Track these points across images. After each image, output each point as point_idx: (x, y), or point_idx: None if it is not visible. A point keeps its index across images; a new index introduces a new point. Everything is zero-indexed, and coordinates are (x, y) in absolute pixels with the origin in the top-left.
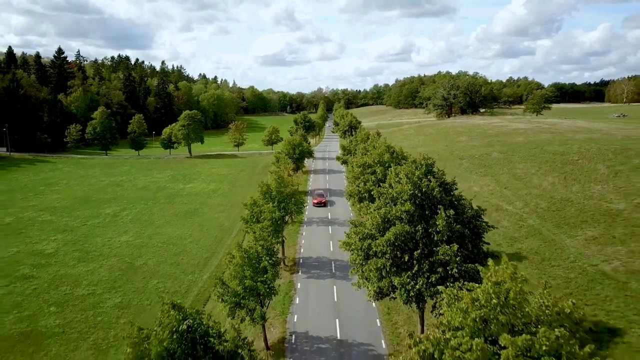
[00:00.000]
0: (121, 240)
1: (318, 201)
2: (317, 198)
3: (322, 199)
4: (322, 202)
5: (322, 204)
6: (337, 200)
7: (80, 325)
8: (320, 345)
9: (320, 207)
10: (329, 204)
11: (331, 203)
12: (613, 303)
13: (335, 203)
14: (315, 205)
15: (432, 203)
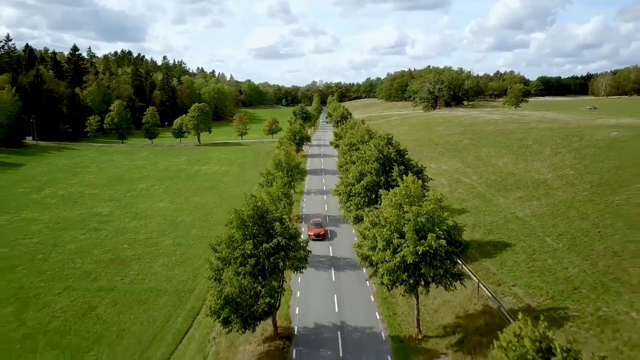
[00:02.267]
0: (160, 206)
1: (315, 233)
2: (314, 229)
3: (320, 230)
4: (320, 234)
5: (320, 237)
6: (332, 179)
7: (149, 255)
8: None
9: (318, 240)
10: (325, 196)
11: (328, 185)
12: (514, 232)
13: (331, 181)
14: (311, 237)
15: (390, 162)
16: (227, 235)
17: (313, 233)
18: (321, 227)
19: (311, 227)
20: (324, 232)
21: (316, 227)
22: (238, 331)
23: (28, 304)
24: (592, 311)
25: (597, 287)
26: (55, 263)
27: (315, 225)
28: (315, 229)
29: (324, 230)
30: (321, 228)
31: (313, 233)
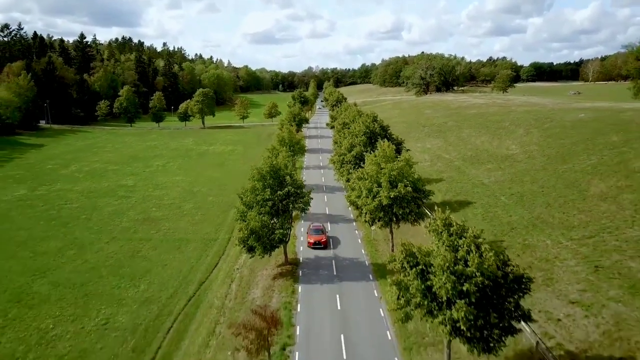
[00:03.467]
0: (177, 179)
1: (316, 240)
2: (314, 236)
3: (320, 237)
4: (321, 242)
5: (321, 245)
6: (328, 156)
7: (175, 216)
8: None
9: (318, 249)
10: (322, 171)
11: (324, 164)
12: (477, 194)
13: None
14: (311, 246)
15: (375, 135)
16: (250, 186)
17: (313, 240)
18: (322, 234)
19: (311, 234)
20: (325, 239)
21: (316, 233)
22: (260, 256)
23: (85, 249)
24: (520, 241)
25: (528, 227)
26: (98, 221)
27: (315, 232)
28: (315, 236)
29: (325, 238)
30: (322, 235)
31: (313, 240)
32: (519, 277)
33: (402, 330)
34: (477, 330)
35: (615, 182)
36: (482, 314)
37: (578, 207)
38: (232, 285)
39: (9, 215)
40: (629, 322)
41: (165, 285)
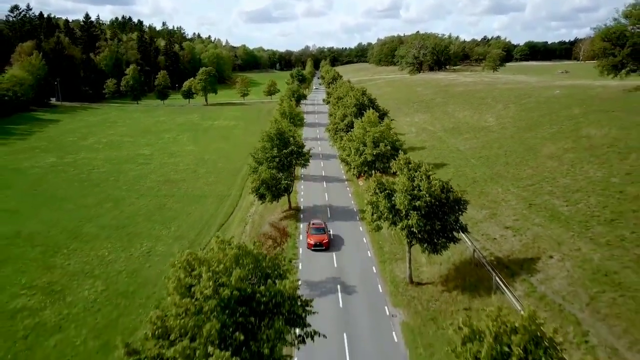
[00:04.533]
0: (188, 149)
1: (317, 241)
2: (314, 236)
3: (322, 236)
4: (322, 243)
5: (322, 246)
6: (324, 129)
7: (191, 178)
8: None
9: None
10: (319, 142)
11: (320, 132)
12: (452, 158)
13: (323, 132)
14: (311, 248)
15: (364, 106)
16: (261, 146)
17: (314, 242)
18: (324, 233)
19: (311, 234)
20: (327, 239)
21: (317, 232)
22: (269, 202)
23: (119, 203)
24: (478, 190)
25: (487, 180)
26: (125, 182)
27: (316, 231)
28: (316, 236)
29: (327, 238)
30: (324, 234)
31: (314, 242)
32: (457, 199)
33: (379, 252)
34: (426, 234)
35: (564, 145)
36: (429, 222)
37: (529, 164)
38: (246, 227)
39: (46, 178)
40: (542, 237)
41: (192, 227)
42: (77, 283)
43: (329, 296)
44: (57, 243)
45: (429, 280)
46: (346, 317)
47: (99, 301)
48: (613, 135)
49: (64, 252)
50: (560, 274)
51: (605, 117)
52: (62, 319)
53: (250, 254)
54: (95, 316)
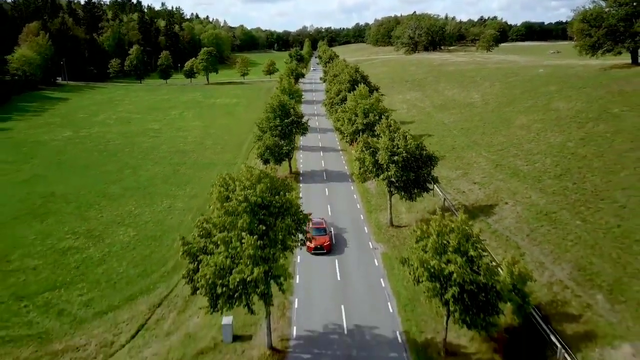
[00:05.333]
0: (194, 124)
1: (318, 244)
2: (315, 238)
3: (323, 238)
4: (323, 246)
5: (323, 249)
6: (320, 106)
7: (199, 149)
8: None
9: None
10: (316, 117)
11: (317, 104)
12: (437, 130)
13: (320, 108)
14: (311, 251)
15: (356, 82)
16: (265, 116)
17: (314, 244)
18: (325, 235)
19: (311, 235)
20: (329, 242)
21: (318, 233)
22: (273, 165)
23: (137, 169)
24: (455, 155)
25: (464, 147)
26: (139, 153)
27: (316, 232)
28: (317, 237)
29: (329, 240)
30: (325, 236)
31: (314, 244)
32: (429, 155)
33: (367, 204)
34: (402, 184)
35: (534, 117)
36: (405, 174)
37: (502, 133)
38: None
39: (66, 149)
40: (502, 190)
41: (204, 188)
42: (112, 230)
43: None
44: (88, 201)
45: (406, 224)
46: (338, 249)
47: (133, 243)
48: (578, 108)
49: (96, 207)
50: (511, 215)
51: (575, 92)
52: (104, 255)
53: (267, 175)
54: (132, 253)
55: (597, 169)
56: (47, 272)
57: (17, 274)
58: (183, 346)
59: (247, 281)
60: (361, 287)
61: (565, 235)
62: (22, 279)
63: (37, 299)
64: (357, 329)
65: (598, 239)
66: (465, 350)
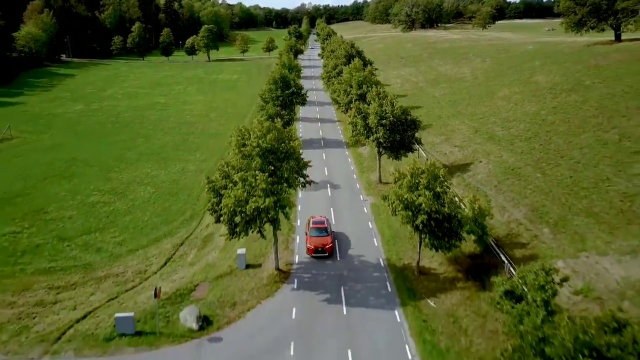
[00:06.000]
0: (198, 99)
1: (318, 246)
2: (315, 239)
3: (324, 239)
4: (324, 248)
5: (324, 252)
6: (319, 81)
7: (204, 121)
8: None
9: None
10: (314, 92)
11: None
12: (425, 102)
13: (318, 83)
14: (311, 254)
15: (352, 56)
16: (267, 88)
17: (314, 246)
18: (327, 235)
19: (311, 235)
20: (331, 244)
21: (319, 234)
22: None
23: (149, 138)
24: (440, 123)
25: (450, 117)
26: (149, 124)
27: (317, 232)
28: (317, 239)
29: (331, 241)
30: (327, 237)
31: (314, 246)
32: (414, 120)
33: (359, 166)
34: (390, 144)
35: (516, 89)
36: (392, 135)
37: (485, 104)
38: None
39: (80, 121)
40: (478, 151)
41: (213, 154)
42: (133, 188)
43: (321, 190)
44: (108, 165)
45: (394, 181)
46: (333, 200)
47: (153, 198)
48: (555, 81)
49: (116, 170)
50: (483, 171)
51: (556, 67)
52: (129, 207)
53: (275, 127)
54: (153, 206)
55: (562, 133)
56: (82, 220)
57: (55, 222)
58: (205, 272)
59: (261, 209)
60: (352, 228)
61: (526, 185)
62: (60, 226)
63: (76, 240)
64: (348, 257)
65: (552, 187)
66: (435, 272)
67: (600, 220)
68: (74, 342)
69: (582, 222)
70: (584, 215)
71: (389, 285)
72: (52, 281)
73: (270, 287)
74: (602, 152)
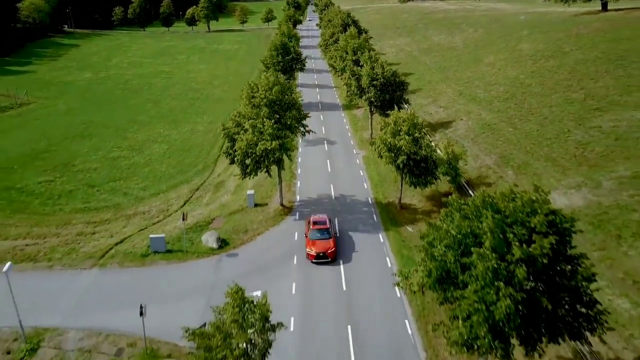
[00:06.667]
0: (201, 67)
1: (320, 251)
2: (317, 242)
3: (327, 243)
4: (327, 253)
5: (326, 257)
6: (317, 50)
7: (209, 87)
8: None
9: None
10: (313, 61)
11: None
12: (418, 67)
13: (316, 52)
14: (312, 259)
15: (348, 25)
16: (269, 54)
17: (315, 252)
18: (329, 238)
19: (311, 238)
20: (334, 248)
21: (320, 235)
22: None
23: (158, 103)
24: (429, 88)
25: (438, 81)
26: (157, 90)
27: (319, 234)
28: (319, 242)
29: (333, 245)
30: (329, 240)
31: (315, 252)
32: (402, 82)
33: (354, 126)
34: (380, 103)
35: (501, 56)
36: (382, 95)
37: (471, 70)
38: None
39: (90, 88)
40: (461, 111)
41: (219, 116)
42: (148, 145)
43: (318, 145)
44: (122, 126)
45: (380, 129)
46: (330, 153)
47: (167, 153)
48: (538, 48)
49: (130, 130)
50: (463, 127)
51: (541, 35)
52: (147, 161)
53: (279, 81)
54: (168, 159)
55: (536, 94)
56: (106, 171)
57: (83, 172)
58: (219, 210)
59: (268, 150)
60: (346, 175)
61: (498, 137)
62: (88, 176)
63: (104, 187)
64: (341, 197)
65: (521, 139)
66: (414, 207)
67: (556, 164)
68: (117, 257)
69: (541, 166)
70: (544, 160)
71: (375, 217)
72: (88, 218)
73: (276, 218)
74: (568, 110)
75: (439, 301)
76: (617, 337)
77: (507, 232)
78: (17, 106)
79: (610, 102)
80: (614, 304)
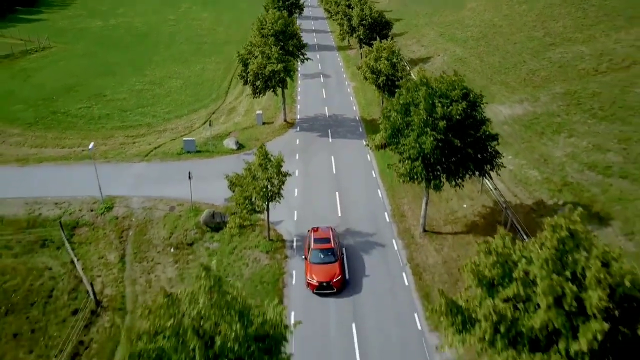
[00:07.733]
0: (204, 15)
1: (321, 281)
2: (319, 267)
3: (332, 269)
4: (332, 284)
5: (331, 288)
6: (318, 22)
7: (214, 33)
8: None
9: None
10: (314, 33)
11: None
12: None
13: (318, 23)
14: (313, 290)
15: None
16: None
17: (317, 280)
18: (335, 261)
19: (311, 263)
20: (340, 275)
21: (324, 257)
22: None
23: (169, 46)
24: (415, 32)
25: (423, 25)
26: (166, 36)
27: (322, 256)
28: (320, 268)
29: (340, 273)
30: (335, 263)
31: (317, 280)
32: (387, 21)
33: (346, 62)
34: (368, 40)
35: (482, 1)
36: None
37: (454, 15)
38: None
39: (103, 34)
40: (439, 49)
41: (227, 58)
42: (166, 80)
43: (315, 79)
44: (140, 66)
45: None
46: (325, 84)
47: (183, 87)
48: None
49: (148, 69)
50: (439, 61)
51: None
52: (167, 92)
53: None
54: (185, 91)
55: (504, 33)
56: (134, 100)
57: (114, 101)
58: (234, 126)
59: (275, 71)
60: (338, 100)
61: (466, 68)
62: (119, 103)
63: (135, 111)
64: (334, 115)
65: (484, 69)
66: None
67: (508, 86)
68: (158, 155)
69: (496, 88)
70: (499, 84)
71: (361, 128)
72: (127, 132)
73: (280, 130)
74: (527, 45)
75: (392, 149)
76: (526, 193)
77: (435, 100)
78: (40, 49)
79: (563, 39)
80: (528, 173)
